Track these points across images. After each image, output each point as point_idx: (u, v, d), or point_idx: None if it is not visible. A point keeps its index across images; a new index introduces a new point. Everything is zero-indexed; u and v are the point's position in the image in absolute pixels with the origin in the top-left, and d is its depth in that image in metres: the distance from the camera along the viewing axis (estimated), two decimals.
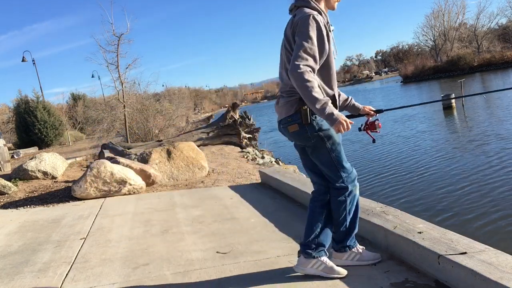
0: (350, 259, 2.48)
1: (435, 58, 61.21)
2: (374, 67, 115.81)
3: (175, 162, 6.83)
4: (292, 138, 2.40)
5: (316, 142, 2.29)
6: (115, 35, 11.17)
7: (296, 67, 2.13)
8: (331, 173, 2.36)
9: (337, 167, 2.34)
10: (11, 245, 3.72)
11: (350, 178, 2.38)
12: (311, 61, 2.16)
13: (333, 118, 2.11)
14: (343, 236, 2.46)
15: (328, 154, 2.32)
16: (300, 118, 2.26)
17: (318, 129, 2.27)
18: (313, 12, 2.22)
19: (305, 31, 2.16)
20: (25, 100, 20.14)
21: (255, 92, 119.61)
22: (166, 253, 3.11)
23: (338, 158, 2.34)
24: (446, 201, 6.79)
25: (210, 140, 11.46)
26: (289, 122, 2.31)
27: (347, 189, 2.36)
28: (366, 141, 13.51)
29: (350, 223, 2.44)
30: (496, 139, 10.99)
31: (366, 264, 2.48)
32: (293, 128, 2.30)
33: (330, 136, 2.30)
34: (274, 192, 5.04)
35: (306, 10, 2.24)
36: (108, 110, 13.66)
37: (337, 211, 2.41)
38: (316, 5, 2.28)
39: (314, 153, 2.36)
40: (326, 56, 2.27)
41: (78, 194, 5.59)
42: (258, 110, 56.23)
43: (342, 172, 2.35)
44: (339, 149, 2.34)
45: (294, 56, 2.16)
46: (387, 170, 9.48)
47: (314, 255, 2.36)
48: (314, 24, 2.18)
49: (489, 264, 1.94)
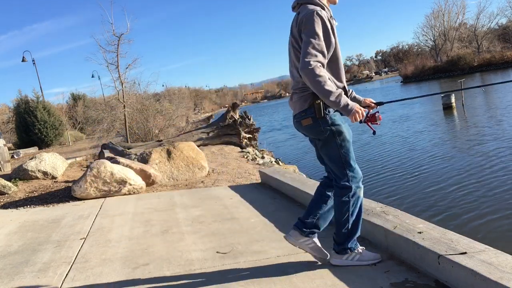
0: (350, 259, 2.48)
1: (435, 58, 61.18)
2: (374, 67, 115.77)
3: (175, 162, 6.83)
4: (305, 131, 2.43)
5: (327, 136, 2.33)
6: (115, 35, 11.17)
7: (306, 64, 2.16)
8: (337, 170, 2.38)
9: (344, 164, 2.37)
10: (11, 245, 3.72)
11: (355, 178, 2.39)
12: (320, 57, 2.20)
13: (348, 109, 2.18)
14: (344, 238, 2.45)
15: (337, 150, 2.35)
16: (314, 112, 2.30)
17: (331, 123, 2.31)
18: (316, 8, 2.25)
19: (311, 27, 2.20)
20: (25, 100, 20.14)
21: (255, 92, 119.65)
22: (166, 253, 3.11)
23: (346, 155, 2.36)
24: (446, 201, 6.79)
25: (210, 140, 11.46)
26: (303, 116, 2.35)
27: (351, 189, 2.37)
28: (366, 142, 13.51)
29: (352, 226, 2.43)
30: (496, 139, 10.99)
31: (366, 264, 2.48)
32: (307, 122, 2.34)
33: (341, 132, 2.34)
34: (274, 192, 5.04)
35: (310, 6, 2.27)
36: (108, 110, 13.66)
37: (339, 212, 2.41)
38: (318, 1, 2.31)
39: (324, 147, 2.39)
40: (333, 50, 2.30)
41: (78, 194, 5.59)
42: (258, 110, 56.27)
43: (348, 170, 2.37)
44: (348, 147, 2.37)
45: (303, 53, 2.19)
46: (387, 170, 9.48)
47: (307, 234, 2.49)
48: (319, 20, 2.21)
49: (489, 264, 1.94)
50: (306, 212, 2.51)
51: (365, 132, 15.11)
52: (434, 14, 62.82)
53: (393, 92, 40.91)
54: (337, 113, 2.34)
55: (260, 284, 2.37)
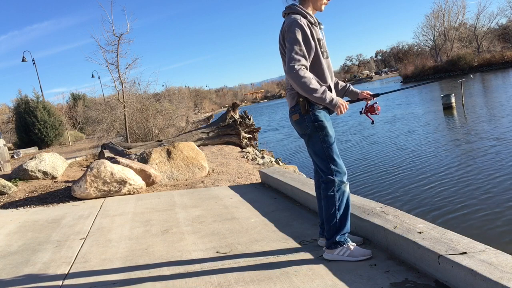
0: (341, 254, 2.56)
1: (435, 58, 61.16)
2: (374, 67, 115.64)
3: (175, 162, 6.83)
4: (294, 126, 2.68)
5: (311, 131, 2.55)
6: (115, 35, 11.19)
7: (291, 69, 2.43)
8: (322, 164, 2.57)
9: (327, 158, 2.55)
10: (11, 245, 3.72)
11: (339, 173, 2.55)
12: (303, 60, 2.46)
13: (333, 104, 2.47)
14: (333, 233, 2.58)
15: (320, 144, 2.55)
16: (299, 108, 2.55)
17: (314, 119, 2.53)
18: (297, 17, 2.51)
19: (292, 35, 2.46)
20: (25, 100, 20.14)
21: (255, 92, 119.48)
22: (166, 253, 3.11)
23: (329, 150, 2.55)
24: (446, 201, 6.79)
25: (210, 140, 11.46)
26: (293, 112, 2.62)
27: (334, 182, 2.53)
28: (365, 142, 13.51)
29: (340, 220, 2.57)
30: (496, 139, 10.99)
31: (357, 260, 2.54)
32: (295, 117, 2.60)
33: (324, 127, 2.54)
34: (274, 192, 5.04)
35: (292, 16, 2.54)
36: (108, 110, 13.67)
37: (326, 206, 2.58)
38: (301, 10, 2.56)
39: (309, 142, 2.60)
40: (314, 53, 2.53)
41: (78, 194, 5.59)
42: (258, 110, 56.27)
43: (332, 164, 2.54)
44: (331, 141, 2.56)
45: (288, 59, 2.46)
46: (387, 170, 9.48)
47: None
48: (299, 27, 2.47)
49: (489, 264, 1.94)
50: (320, 219, 2.70)
51: (365, 132, 15.10)
52: (434, 14, 62.88)
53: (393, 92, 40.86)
54: (321, 111, 2.54)
55: (260, 284, 2.37)
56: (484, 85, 30.08)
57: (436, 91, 31.13)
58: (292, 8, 2.59)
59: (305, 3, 2.60)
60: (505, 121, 13.52)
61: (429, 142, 12.28)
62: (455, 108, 18.69)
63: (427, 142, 12.23)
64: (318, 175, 2.68)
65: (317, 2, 2.61)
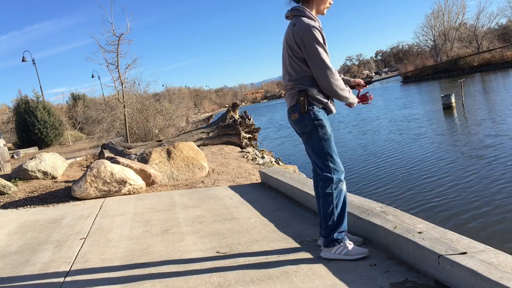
0: (338, 253, 2.59)
1: (435, 58, 61.12)
2: (374, 67, 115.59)
3: (175, 162, 6.83)
4: (293, 125, 2.70)
5: (311, 129, 2.58)
6: (115, 35, 11.19)
7: (326, 75, 2.50)
8: (320, 162, 2.60)
9: (326, 156, 2.59)
10: (11, 245, 3.72)
11: (337, 170, 2.59)
12: (330, 64, 2.53)
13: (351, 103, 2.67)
14: (330, 231, 2.60)
15: (319, 142, 2.58)
16: (299, 107, 2.57)
17: (313, 118, 2.56)
18: (310, 23, 2.50)
19: (314, 44, 2.48)
20: (25, 100, 20.15)
21: (255, 92, 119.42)
22: (166, 253, 3.11)
23: (328, 147, 2.59)
24: (446, 201, 6.79)
25: (210, 140, 11.46)
26: (292, 111, 2.65)
27: (332, 180, 2.56)
28: (365, 142, 13.51)
29: (338, 218, 2.60)
30: (496, 139, 10.99)
31: (353, 258, 2.57)
32: (295, 116, 2.63)
33: (323, 126, 2.58)
34: (274, 192, 5.04)
35: (304, 20, 2.52)
36: (108, 110, 13.67)
37: (324, 204, 2.60)
38: (310, 14, 2.56)
39: (308, 140, 2.63)
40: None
41: (78, 194, 5.59)
42: (258, 110, 56.27)
43: (330, 162, 2.58)
44: (330, 140, 2.60)
45: (318, 66, 2.50)
46: (387, 170, 9.48)
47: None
48: (317, 35, 2.49)
49: (489, 264, 1.93)
50: (320, 218, 2.68)
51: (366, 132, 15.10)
52: (434, 14, 62.81)
53: (393, 92, 40.89)
54: (320, 110, 2.58)
55: (260, 284, 2.37)
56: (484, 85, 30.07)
57: (436, 91, 31.14)
58: (300, 11, 2.57)
59: (309, 6, 2.59)
60: (505, 121, 13.52)
61: (429, 142, 12.28)
62: (455, 108, 18.69)
63: (427, 142, 12.23)
64: (317, 174, 2.71)
65: (321, 6, 2.62)
